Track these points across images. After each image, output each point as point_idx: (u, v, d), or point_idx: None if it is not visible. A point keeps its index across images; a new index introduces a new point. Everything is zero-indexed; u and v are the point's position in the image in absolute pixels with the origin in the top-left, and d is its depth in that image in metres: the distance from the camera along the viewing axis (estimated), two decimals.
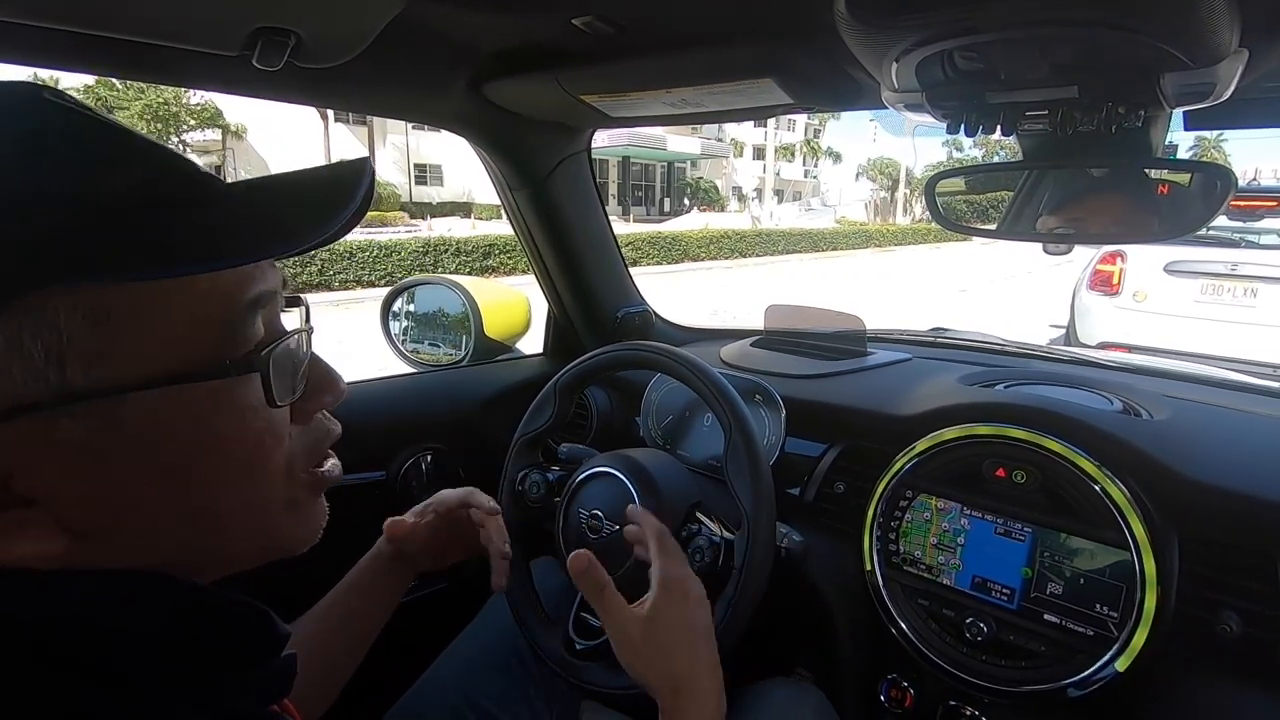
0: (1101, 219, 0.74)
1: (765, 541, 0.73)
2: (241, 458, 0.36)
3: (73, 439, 0.31)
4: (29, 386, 0.29)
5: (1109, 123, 0.62)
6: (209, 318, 0.34)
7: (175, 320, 0.33)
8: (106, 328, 0.31)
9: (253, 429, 0.36)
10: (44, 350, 0.29)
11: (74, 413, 0.30)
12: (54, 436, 0.31)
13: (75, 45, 0.63)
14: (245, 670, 0.38)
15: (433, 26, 0.79)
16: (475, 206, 23.10)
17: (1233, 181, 0.67)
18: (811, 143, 41.39)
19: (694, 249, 15.16)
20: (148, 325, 0.32)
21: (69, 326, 0.30)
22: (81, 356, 0.30)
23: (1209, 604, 0.70)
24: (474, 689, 0.83)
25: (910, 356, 1.16)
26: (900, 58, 0.60)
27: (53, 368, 0.30)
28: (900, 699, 0.85)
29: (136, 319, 0.31)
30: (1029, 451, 0.78)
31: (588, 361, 0.89)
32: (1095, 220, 0.75)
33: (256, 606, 0.39)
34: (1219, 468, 0.74)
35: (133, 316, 0.31)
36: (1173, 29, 0.51)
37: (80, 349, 0.30)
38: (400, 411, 1.13)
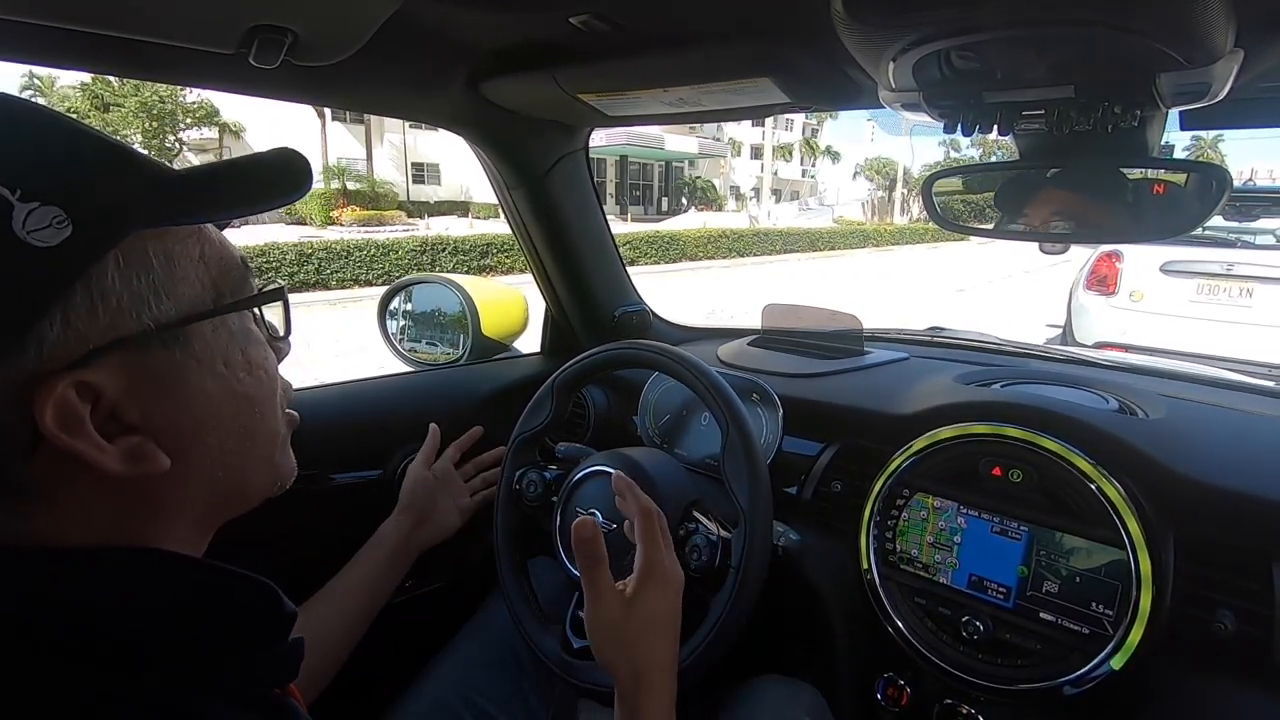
0: (1097, 219, 0.74)
1: (762, 540, 0.73)
2: (267, 383, 0.42)
3: (161, 365, 0.36)
4: (132, 318, 0.34)
5: (1105, 122, 0.62)
6: (228, 263, 0.40)
7: (210, 263, 0.39)
8: (174, 267, 0.36)
9: (269, 356, 0.43)
10: (147, 285, 0.35)
11: (165, 341, 0.36)
12: (147, 364, 0.35)
13: (71, 43, 0.63)
14: (253, 649, 0.38)
15: (430, 25, 0.79)
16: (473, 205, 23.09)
17: (1229, 181, 0.67)
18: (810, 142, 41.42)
19: (691, 249, 15.16)
20: (196, 266, 0.38)
21: (157, 265, 0.35)
22: (167, 291, 0.36)
23: (1204, 602, 0.70)
24: (471, 688, 0.83)
25: (907, 356, 1.16)
26: (897, 57, 0.60)
27: (152, 299, 0.35)
28: (897, 697, 0.85)
29: (189, 261, 0.37)
30: (1025, 450, 0.79)
31: (585, 360, 0.89)
32: (1091, 220, 0.75)
33: (263, 582, 0.40)
34: (1215, 467, 0.75)
35: (186, 258, 0.37)
36: (1169, 29, 0.51)
37: (164, 284, 0.36)
38: (397, 410, 1.13)
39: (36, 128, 0.34)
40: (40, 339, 0.31)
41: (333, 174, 21.03)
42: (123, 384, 0.34)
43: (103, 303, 0.33)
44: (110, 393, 0.34)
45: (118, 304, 0.34)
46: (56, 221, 0.31)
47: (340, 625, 0.79)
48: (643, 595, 0.62)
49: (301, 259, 9.09)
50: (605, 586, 0.61)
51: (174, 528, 0.38)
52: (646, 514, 0.65)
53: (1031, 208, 0.80)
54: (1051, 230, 0.78)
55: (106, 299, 0.33)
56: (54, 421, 0.32)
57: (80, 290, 0.32)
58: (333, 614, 0.79)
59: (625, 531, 0.73)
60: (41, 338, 0.31)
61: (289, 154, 0.41)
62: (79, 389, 0.32)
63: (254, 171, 0.40)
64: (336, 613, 0.79)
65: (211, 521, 0.42)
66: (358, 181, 21.71)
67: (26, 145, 0.33)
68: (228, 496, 0.42)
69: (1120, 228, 0.74)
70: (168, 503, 0.38)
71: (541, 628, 0.82)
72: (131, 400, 0.35)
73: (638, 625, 0.61)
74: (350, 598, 0.81)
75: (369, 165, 23.64)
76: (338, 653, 0.77)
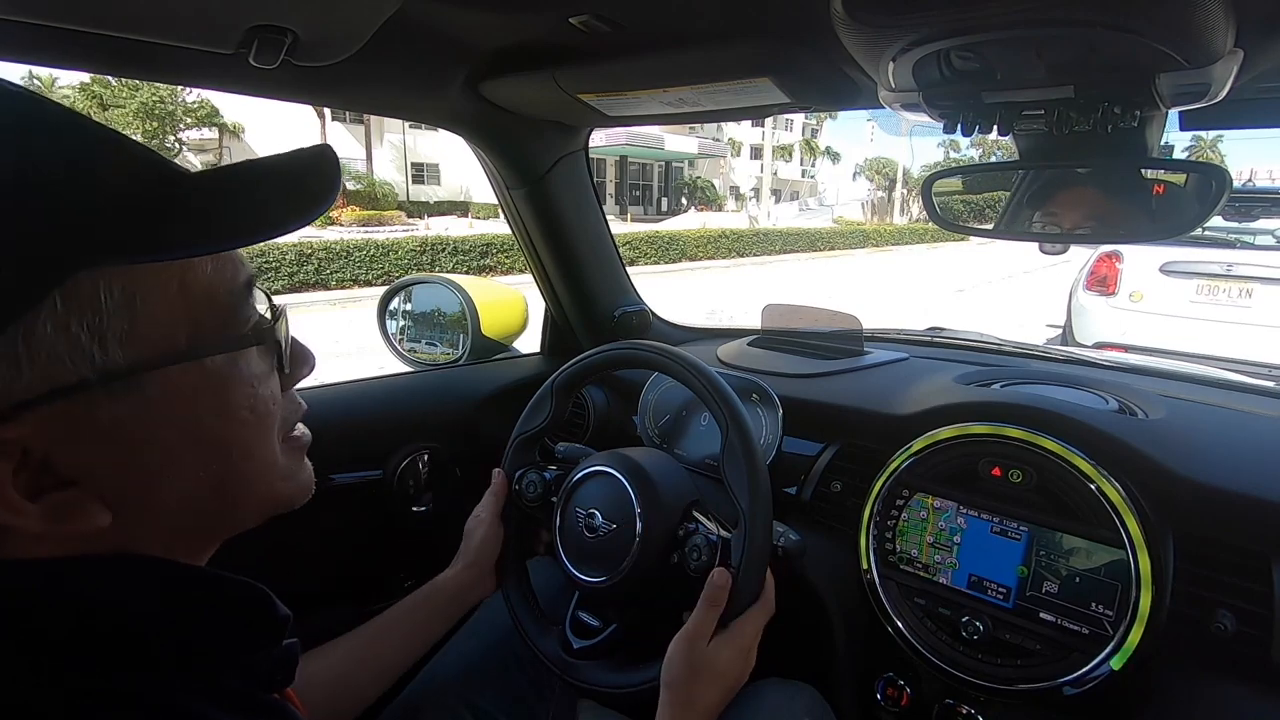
0: (1097, 219, 0.74)
1: (762, 540, 0.73)
2: (253, 423, 0.39)
3: (109, 416, 0.32)
4: (72, 367, 0.31)
5: (1105, 123, 0.62)
6: (214, 297, 0.36)
7: (189, 300, 0.35)
8: (134, 308, 0.32)
9: (260, 396, 0.39)
10: (88, 331, 0.31)
11: (112, 390, 0.32)
12: (93, 415, 0.32)
13: (71, 43, 0.63)
14: (247, 652, 0.38)
15: (430, 25, 0.78)
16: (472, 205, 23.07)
17: (1228, 182, 0.67)
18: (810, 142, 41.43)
19: (690, 249, 15.15)
20: (166, 304, 0.34)
21: (107, 307, 0.31)
22: (117, 336, 0.32)
23: (1204, 602, 0.70)
24: (470, 689, 0.83)
25: (907, 356, 1.16)
26: (897, 57, 0.60)
27: (95, 347, 0.31)
28: (896, 698, 0.85)
29: (158, 298, 0.33)
30: (1025, 450, 0.79)
31: (585, 360, 0.89)
32: (1091, 220, 0.75)
33: (257, 588, 0.39)
34: (1214, 467, 0.75)
35: (154, 296, 0.33)
36: (1169, 29, 0.51)
37: (116, 329, 0.32)
38: (397, 410, 1.13)
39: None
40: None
41: None
42: (58, 435, 0.31)
43: (30, 356, 0.29)
44: (38, 448, 0.31)
45: (49, 355, 0.30)
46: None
47: (375, 675, 0.74)
48: (721, 651, 0.68)
49: (301, 259, 9.07)
50: (709, 623, 0.68)
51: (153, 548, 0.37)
52: (768, 609, 0.73)
53: (1031, 208, 0.80)
54: (1051, 231, 0.79)
55: (36, 351, 0.29)
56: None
57: (3, 342, 0.29)
58: (370, 658, 0.75)
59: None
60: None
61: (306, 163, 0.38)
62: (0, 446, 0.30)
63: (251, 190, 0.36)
64: (374, 657, 0.75)
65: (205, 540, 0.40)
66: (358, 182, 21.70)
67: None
68: (212, 526, 0.40)
69: (1120, 228, 0.74)
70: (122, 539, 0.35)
71: (541, 628, 0.82)
72: (67, 452, 0.32)
73: (721, 671, 0.67)
74: (392, 651, 0.77)
75: (369, 165, 23.61)
76: (368, 697, 0.74)
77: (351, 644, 0.75)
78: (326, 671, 0.69)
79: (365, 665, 0.74)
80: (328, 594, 1.04)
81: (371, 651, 0.75)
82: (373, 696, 0.74)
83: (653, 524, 0.76)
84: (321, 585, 1.04)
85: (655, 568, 0.76)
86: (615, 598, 0.78)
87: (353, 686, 0.72)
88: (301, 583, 0.73)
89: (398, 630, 0.78)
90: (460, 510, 0.94)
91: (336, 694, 0.70)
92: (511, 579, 0.86)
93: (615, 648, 0.78)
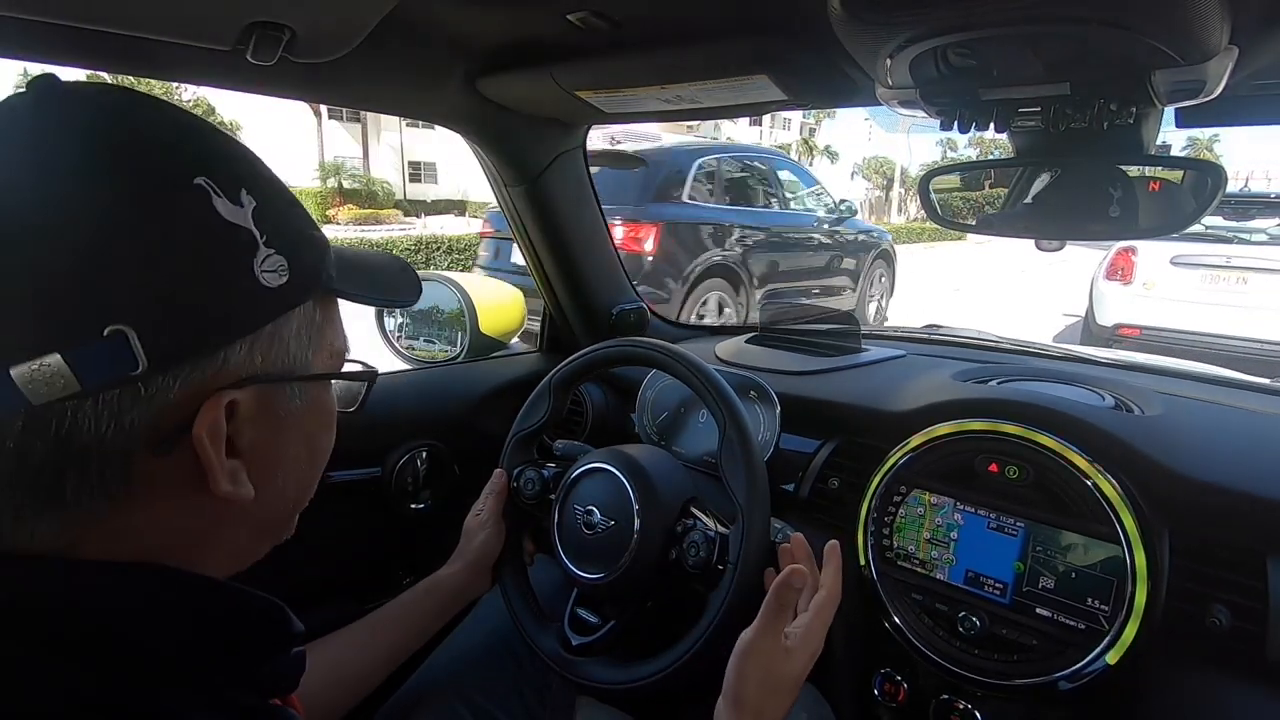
0: (1094, 215, 0.75)
1: (759, 536, 0.73)
2: (331, 436, 0.46)
3: (284, 409, 0.40)
4: (290, 361, 0.39)
5: (1101, 119, 0.63)
6: (342, 338, 0.45)
7: (333, 335, 0.43)
8: (323, 331, 0.42)
9: (334, 418, 0.47)
10: (306, 338, 0.40)
11: (293, 389, 0.40)
12: (274, 404, 0.39)
13: (68, 40, 0.63)
14: (255, 664, 0.39)
15: (427, 22, 0.79)
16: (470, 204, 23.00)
17: (1224, 179, 0.67)
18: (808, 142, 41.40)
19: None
20: (328, 334, 0.43)
21: (317, 324, 0.41)
22: (314, 348, 0.41)
23: (1199, 598, 0.70)
24: (468, 685, 0.83)
25: (904, 353, 1.16)
26: (894, 54, 0.60)
27: (304, 352, 0.40)
28: (894, 693, 0.85)
29: (330, 329, 0.43)
30: (1022, 447, 0.79)
31: (583, 358, 0.89)
32: (1088, 217, 0.75)
33: (273, 602, 0.40)
34: (1209, 463, 0.75)
35: (329, 326, 0.43)
36: (1164, 26, 0.51)
37: (315, 342, 0.41)
38: (395, 408, 1.13)
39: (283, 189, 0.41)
40: (228, 356, 0.35)
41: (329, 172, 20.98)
42: (252, 412, 0.37)
43: (278, 342, 0.38)
44: (241, 417, 0.37)
45: (284, 348, 0.38)
46: (281, 269, 0.37)
47: (371, 665, 0.75)
48: (798, 655, 0.64)
49: None
50: (779, 629, 0.65)
51: (204, 564, 0.39)
52: (835, 599, 0.69)
53: (1028, 205, 0.81)
54: (1048, 227, 0.79)
55: (281, 340, 0.38)
56: (207, 429, 0.35)
57: (270, 327, 0.37)
58: (367, 652, 0.75)
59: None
60: (229, 356, 0.35)
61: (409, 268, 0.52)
62: (230, 405, 0.36)
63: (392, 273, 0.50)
64: (371, 651, 0.76)
65: (235, 564, 0.42)
66: (355, 180, 21.64)
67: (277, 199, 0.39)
68: (261, 538, 0.44)
69: (1116, 225, 0.75)
70: (219, 537, 0.40)
71: (540, 625, 0.82)
72: (250, 428, 0.38)
73: (781, 675, 0.64)
74: (389, 642, 0.77)
75: (365, 163, 23.53)
76: (363, 688, 0.74)
77: (349, 638, 0.75)
78: (323, 664, 0.70)
79: (362, 659, 0.75)
80: (326, 591, 1.04)
81: (368, 645, 0.76)
82: (367, 690, 0.75)
83: (651, 521, 0.76)
84: (320, 582, 1.04)
85: (653, 564, 0.76)
86: (613, 594, 0.78)
87: (348, 680, 0.73)
88: (300, 579, 0.73)
89: (395, 625, 0.78)
90: (458, 507, 0.94)
91: (332, 687, 0.70)
92: (510, 576, 0.87)
93: (614, 644, 0.78)
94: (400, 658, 0.78)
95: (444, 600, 0.82)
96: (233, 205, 0.35)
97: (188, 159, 0.35)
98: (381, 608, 0.80)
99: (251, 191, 0.36)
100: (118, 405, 0.32)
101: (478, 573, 0.85)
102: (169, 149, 0.35)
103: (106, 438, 0.32)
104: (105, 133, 0.34)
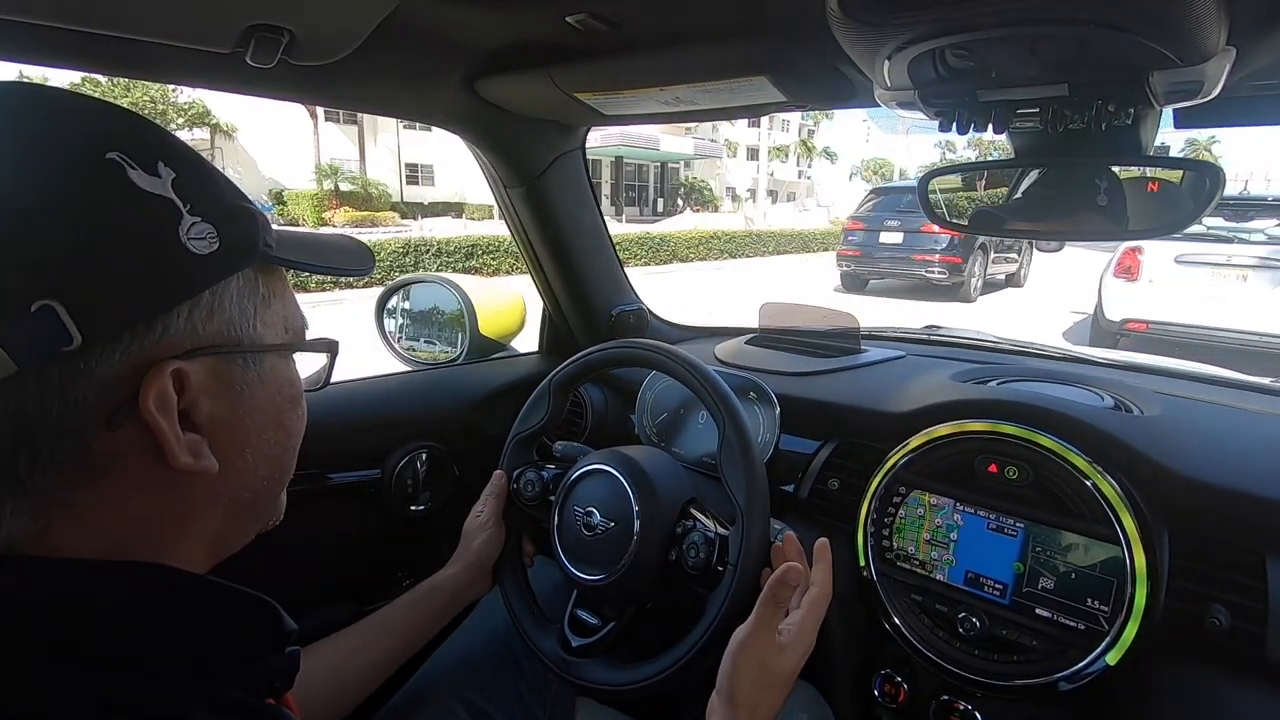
0: (1093, 216, 0.75)
1: (759, 537, 0.73)
2: (299, 423, 0.46)
3: (241, 380, 0.40)
4: (236, 330, 0.39)
5: (1099, 120, 0.63)
6: (297, 311, 0.45)
7: (287, 308, 0.44)
8: (271, 301, 0.42)
9: (301, 392, 0.47)
10: (252, 307, 0.40)
11: (247, 361, 0.40)
12: (231, 375, 0.40)
13: (68, 42, 0.63)
14: (249, 662, 0.39)
15: (426, 24, 0.79)
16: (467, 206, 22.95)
17: (1222, 179, 0.67)
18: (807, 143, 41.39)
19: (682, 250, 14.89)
20: (282, 306, 0.43)
21: (261, 294, 0.41)
22: (262, 318, 0.41)
23: (1198, 598, 0.70)
24: (467, 687, 0.83)
25: (904, 354, 1.17)
26: (892, 56, 0.60)
27: (254, 320, 0.41)
28: (894, 694, 0.85)
29: (279, 300, 0.43)
30: (1021, 447, 0.79)
31: (582, 359, 0.89)
32: (1086, 217, 0.75)
33: (266, 601, 0.40)
34: (1208, 463, 0.75)
35: (278, 298, 0.43)
36: (1161, 27, 0.51)
37: (262, 312, 0.41)
38: (395, 410, 1.13)
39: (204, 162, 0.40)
40: (166, 326, 0.36)
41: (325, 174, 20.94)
42: (206, 384, 0.38)
43: (219, 311, 0.38)
44: (194, 389, 0.37)
45: (228, 316, 0.39)
46: (210, 237, 0.37)
47: (371, 666, 0.75)
48: (791, 651, 0.65)
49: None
50: (773, 625, 0.66)
51: (181, 549, 0.39)
52: (827, 596, 0.70)
53: (1026, 206, 0.81)
54: (1046, 228, 0.79)
55: (222, 309, 0.38)
56: (154, 400, 0.35)
57: (208, 295, 0.38)
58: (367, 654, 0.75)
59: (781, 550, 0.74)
60: (167, 325, 0.36)
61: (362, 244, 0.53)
62: (175, 377, 0.36)
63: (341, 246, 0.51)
64: (370, 653, 0.76)
65: (215, 550, 0.43)
66: (351, 182, 21.57)
67: (198, 171, 0.39)
68: (238, 522, 0.44)
69: (1114, 225, 0.75)
70: (190, 518, 0.40)
71: (540, 627, 0.82)
72: (205, 400, 0.38)
73: (779, 672, 0.65)
74: (389, 644, 0.77)
75: (362, 166, 23.46)
76: (363, 690, 0.74)
77: (348, 639, 0.75)
78: (323, 666, 0.70)
79: (362, 660, 0.75)
80: (326, 592, 1.04)
81: (368, 647, 0.76)
82: (367, 692, 0.74)
83: (650, 522, 0.76)
84: (320, 584, 1.04)
85: (653, 565, 0.76)
86: (613, 595, 0.78)
87: (348, 681, 0.73)
88: (300, 581, 0.73)
89: (395, 627, 0.78)
90: (458, 509, 0.94)
91: (332, 688, 0.70)
92: (510, 578, 0.87)
93: (614, 645, 0.78)
94: (400, 659, 0.77)
95: (444, 602, 0.82)
96: (150, 176, 0.35)
97: (98, 137, 0.35)
98: (381, 609, 0.79)
99: (169, 164, 0.37)
100: (60, 382, 0.33)
101: (478, 574, 0.85)
102: (79, 130, 0.35)
103: (53, 415, 0.33)
104: (16, 118, 0.35)
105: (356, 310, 1.38)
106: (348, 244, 0.52)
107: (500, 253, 10.72)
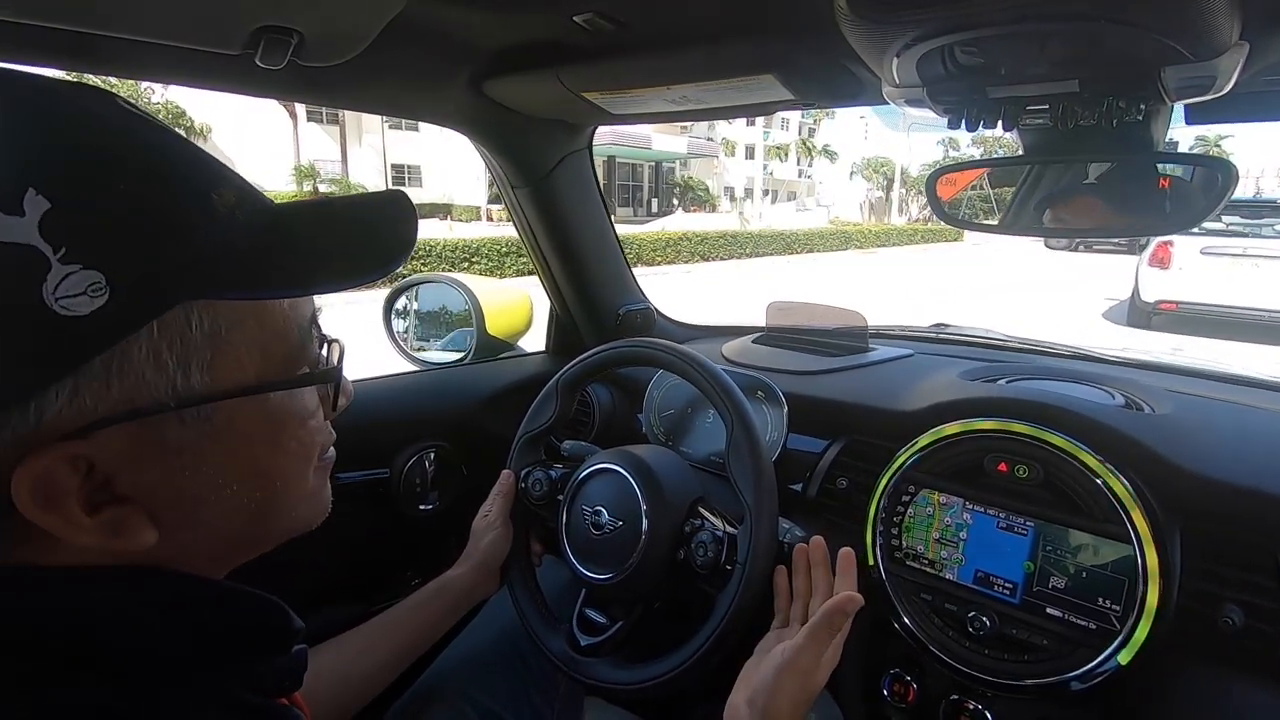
0: (1103, 213, 0.74)
1: (767, 536, 0.73)
2: (298, 455, 0.40)
3: (176, 440, 0.33)
4: (154, 392, 0.32)
5: (1110, 117, 0.62)
6: (284, 334, 0.37)
7: (263, 334, 0.36)
8: (219, 339, 0.34)
9: (308, 429, 0.40)
10: (176, 359, 0.32)
11: (184, 417, 0.33)
12: (162, 438, 0.33)
13: (76, 44, 0.63)
14: (257, 662, 0.39)
15: (434, 25, 0.79)
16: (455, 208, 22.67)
17: (1234, 175, 0.67)
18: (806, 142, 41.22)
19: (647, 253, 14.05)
20: (245, 338, 0.35)
21: (195, 337, 0.33)
22: (200, 365, 0.33)
23: (1211, 598, 0.70)
24: (475, 687, 0.83)
25: (912, 352, 1.16)
26: (901, 53, 0.60)
27: (179, 374, 0.32)
28: (903, 694, 0.85)
29: (238, 332, 0.34)
30: (1031, 446, 0.79)
31: (589, 359, 0.89)
32: (1097, 214, 0.75)
33: (272, 601, 0.40)
34: (1220, 462, 0.75)
35: (236, 330, 0.34)
36: (1173, 23, 0.51)
37: (200, 358, 0.33)
38: (403, 410, 1.13)
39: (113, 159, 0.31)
40: (43, 408, 0.29)
41: (304, 175, 20.50)
42: (124, 453, 0.32)
43: (120, 376, 0.31)
44: (106, 464, 0.32)
45: (138, 378, 0.31)
46: (93, 290, 0.28)
47: (380, 666, 0.75)
48: (825, 669, 0.65)
49: None
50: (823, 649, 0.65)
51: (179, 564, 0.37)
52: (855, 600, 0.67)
53: (1036, 203, 0.80)
54: (1056, 226, 0.78)
55: (126, 372, 0.31)
56: (29, 493, 0.30)
57: (99, 362, 0.30)
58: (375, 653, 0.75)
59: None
60: (44, 407, 0.29)
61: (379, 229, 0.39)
62: (71, 461, 0.30)
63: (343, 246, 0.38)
64: (379, 652, 0.75)
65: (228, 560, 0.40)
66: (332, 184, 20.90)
67: (103, 187, 0.30)
68: (236, 548, 0.40)
69: (1126, 222, 0.74)
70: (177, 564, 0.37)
71: (548, 626, 0.82)
72: (130, 471, 0.33)
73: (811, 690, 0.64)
74: (398, 643, 0.77)
75: (344, 166, 22.74)
76: (372, 689, 0.75)
77: (357, 639, 0.75)
78: (332, 666, 0.70)
79: (370, 660, 0.75)
80: (335, 592, 1.05)
81: (376, 647, 0.76)
82: (375, 692, 0.75)
83: (658, 521, 0.76)
84: (328, 583, 1.04)
85: (661, 564, 0.76)
86: (622, 594, 0.78)
87: (357, 681, 0.73)
88: (309, 581, 0.73)
89: (403, 626, 0.78)
90: (466, 509, 0.94)
91: (341, 688, 0.70)
92: (518, 577, 0.87)
93: (622, 644, 0.78)
94: (409, 659, 0.78)
95: (452, 601, 0.82)
96: (5, 216, 0.27)
97: None
98: (390, 609, 0.80)
99: (45, 188, 0.28)
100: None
101: (486, 574, 0.85)
102: None
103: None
104: None
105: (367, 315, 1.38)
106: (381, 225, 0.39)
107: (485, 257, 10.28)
